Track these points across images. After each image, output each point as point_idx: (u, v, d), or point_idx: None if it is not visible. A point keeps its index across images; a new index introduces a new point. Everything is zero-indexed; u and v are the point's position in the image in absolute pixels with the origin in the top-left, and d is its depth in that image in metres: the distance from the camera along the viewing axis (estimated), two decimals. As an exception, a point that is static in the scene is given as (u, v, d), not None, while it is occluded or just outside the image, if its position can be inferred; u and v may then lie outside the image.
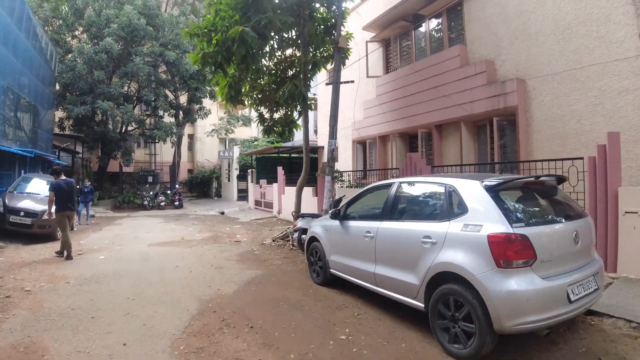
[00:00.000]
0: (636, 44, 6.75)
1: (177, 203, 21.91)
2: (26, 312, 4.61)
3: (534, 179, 3.80)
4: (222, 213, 19.28)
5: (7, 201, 9.94)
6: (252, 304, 4.90)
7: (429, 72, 10.47)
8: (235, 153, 25.65)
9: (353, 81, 9.84)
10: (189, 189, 31.94)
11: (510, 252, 3.19)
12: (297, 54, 10.63)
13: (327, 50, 10.54)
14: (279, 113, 11.56)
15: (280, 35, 8.48)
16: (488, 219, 3.37)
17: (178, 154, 25.97)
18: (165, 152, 28.47)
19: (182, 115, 24.26)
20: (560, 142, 8.00)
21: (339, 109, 9.24)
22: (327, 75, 16.84)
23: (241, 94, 9.39)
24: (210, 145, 34.12)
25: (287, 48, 9.71)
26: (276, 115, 11.49)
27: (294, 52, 10.73)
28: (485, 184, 3.56)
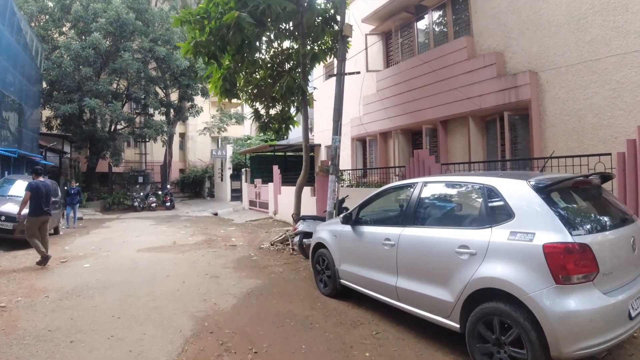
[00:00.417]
0: (658, 33, 6.30)
1: (168, 204, 21.24)
2: (-4, 334, 4.00)
3: (584, 178, 3.29)
4: (216, 214, 18.65)
5: (-14, 205, 9.24)
6: (254, 321, 4.32)
7: (433, 65, 9.96)
8: (229, 152, 24.98)
9: (359, 72, 9.32)
10: (181, 189, 31.24)
11: (571, 264, 2.67)
12: (295, 46, 10.06)
13: (326, 42, 9.99)
14: (276, 109, 11.00)
15: (278, 24, 7.88)
16: (541, 226, 2.84)
17: (169, 153, 25.24)
18: (156, 151, 27.70)
19: (173, 113, 23.55)
20: (577, 138, 7.55)
21: None
22: (323, 70, 16.30)
23: (237, 87, 8.78)
24: (202, 144, 33.41)
25: (285, 39, 9.12)
26: (272, 111, 10.93)
27: (292, 45, 10.15)
28: (534, 183, 3.03)
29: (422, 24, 11.09)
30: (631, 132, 6.28)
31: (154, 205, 20.74)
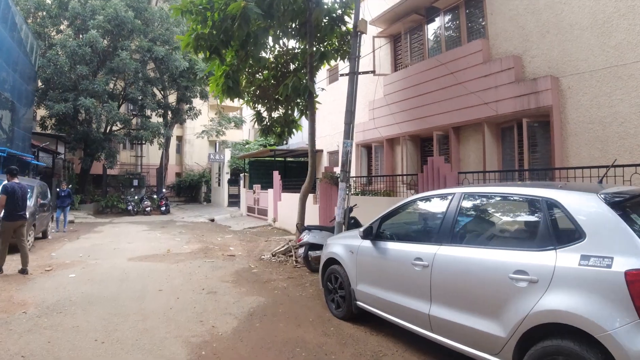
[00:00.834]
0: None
1: (163, 208, 20.61)
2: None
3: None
4: (212, 220, 18.07)
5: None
6: (259, 350, 3.74)
7: (446, 68, 9.50)
8: (227, 156, 24.40)
9: (374, 71, 8.84)
10: (177, 193, 30.60)
11: (660, 297, 2.14)
12: (300, 46, 9.58)
13: (333, 44, 9.51)
14: (278, 112, 10.49)
15: (285, 20, 7.37)
16: (620, 249, 2.32)
17: (165, 157, 24.63)
18: (152, 154, 27.08)
19: (171, 115, 22.99)
20: (600, 147, 7.09)
21: (340, 109, 8.27)
22: (327, 74, 15.82)
23: (240, 85, 8.25)
24: (199, 147, 32.86)
25: (291, 38, 8.62)
26: (275, 114, 10.42)
27: (297, 45, 9.66)
28: (608, 198, 2.51)
29: (433, 27, 10.64)
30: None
31: (148, 209, 20.12)
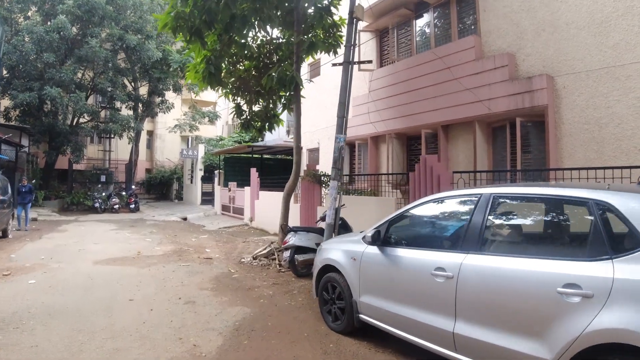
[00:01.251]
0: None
1: (132, 206, 19.55)
2: None
3: None
4: (185, 219, 17.23)
5: None
6: (250, 374, 3.20)
7: (436, 65, 9.18)
8: (200, 152, 23.46)
9: (371, 61, 8.41)
10: (147, 190, 29.36)
11: None
12: (284, 37, 9.02)
13: (318, 36, 9.00)
14: (259, 105, 9.91)
15: (271, 6, 6.80)
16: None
17: (135, 152, 23.45)
18: (121, 149, 25.77)
19: (142, 108, 21.87)
20: (596, 148, 6.94)
21: (321, 105, 7.83)
22: (308, 68, 15.31)
23: (222, 72, 7.60)
24: (171, 143, 31.68)
25: (277, 26, 8.05)
26: (255, 107, 9.83)
27: (281, 35, 9.09)
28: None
29: (422, 22, 10.32)
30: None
31: (116, 206, 19.04)
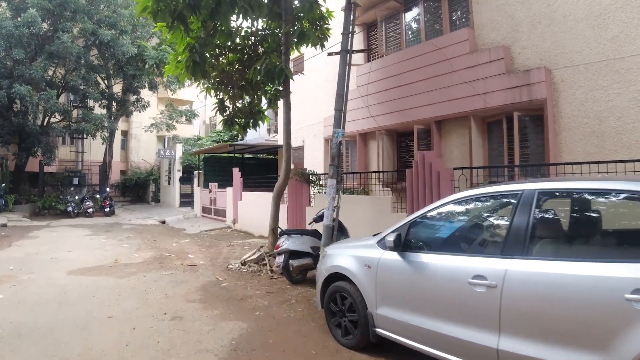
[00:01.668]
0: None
1: (107, 209, 18.61)
2: None
3: None
4: (164, 222, 16.47)
5: None
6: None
7: (427, 59, 8.88)
8: (178, 152, 22.60)
9: (370, 49, 8.02)
10: (122, 192, 28.22)
11: None
12: (270, 28, 8.52)
13: (304, 27, 8.55)
14: (242, 102, 9.40)
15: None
16: None
17: (109, 153, 22.40)
18: (94, 150, 24.59)
19: (116, 106, 20.87)
20: (596, 143, 6.76)
21: (306, 101, 7.43)
22: (292, 64, 14.81)
23: (207, 62, 7.03)
24: (146, 143, 30.58)
25: (264, 16, 7.54)
26: (239, 104, 9.31)
27: (267, 25, 8.58)
28: None
29: (411, 15, 10.00)
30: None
31: (90, 210, 18.07)
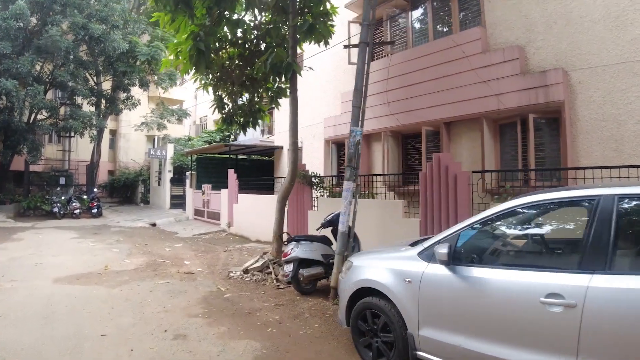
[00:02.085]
0: None
1: (95, 211, 17.93)
2: None
3: None
4: (154, 225, 15.89)
5: None
6: None
7: (437, 58, 8.57)
8: (169, 152, 21.95)
9: (393, 42, 7.68)
10: (110, 193, 27.45)
11: None
12: (275, 21, 8.11)
13: (309, 17, 8.15)
14: (242, 99, 8.99)
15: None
16: None
17: (97, 152, 21.66)
18: (81, 149, 23.79)
19: (105, 104, 20.15)
20: (615, 147, 6.55)
21: (303, 102, 7.08)
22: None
23: (212, 52, 6.54)
24: (135, 143, 29.84)
25: (270, 8, 7.12)
26: (238, 102, 8.89)
27: (271, 19, 8.16)
28: None
29: (418, 13, 9.68)
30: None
31: (77, 211, 17.38)
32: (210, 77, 8.44)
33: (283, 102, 8.92)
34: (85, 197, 19.38)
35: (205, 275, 6.91)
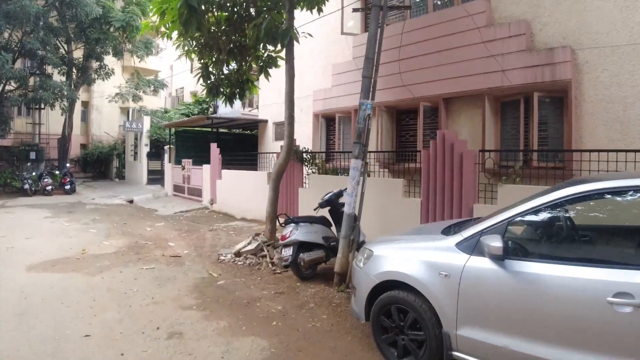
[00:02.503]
0: None
1: (68, 187, 17.03)
2: None
3: None
4: (131, 202, 15.23)
5: None
6: None
7: (437, 30, 8.14)
8: (146, 125, 20.94)
9: (410, 7, 7.25)
10: (83, 168, 26.32)
11: None
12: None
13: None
14: (228, 69, 8.37)
15: None
16: None
17: (69, 125, 20.42)
18: (52, 122, 22.38)
19: (77, 74, 18.90)
20: (620, 129, 6.42)
21: (295, 74, 6.60)
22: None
23: (204, 11, 5.88)
24: (109, 115, 28.47)
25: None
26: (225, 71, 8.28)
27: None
28: None
29: (416, -19, 9.14)
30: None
31: (49, 188, 16.45)
32: (195, 43, 7.79)
33: (273, 72, 8.34)
34: (57, 172, 18.35)
35: (193, 258, 6.47)
